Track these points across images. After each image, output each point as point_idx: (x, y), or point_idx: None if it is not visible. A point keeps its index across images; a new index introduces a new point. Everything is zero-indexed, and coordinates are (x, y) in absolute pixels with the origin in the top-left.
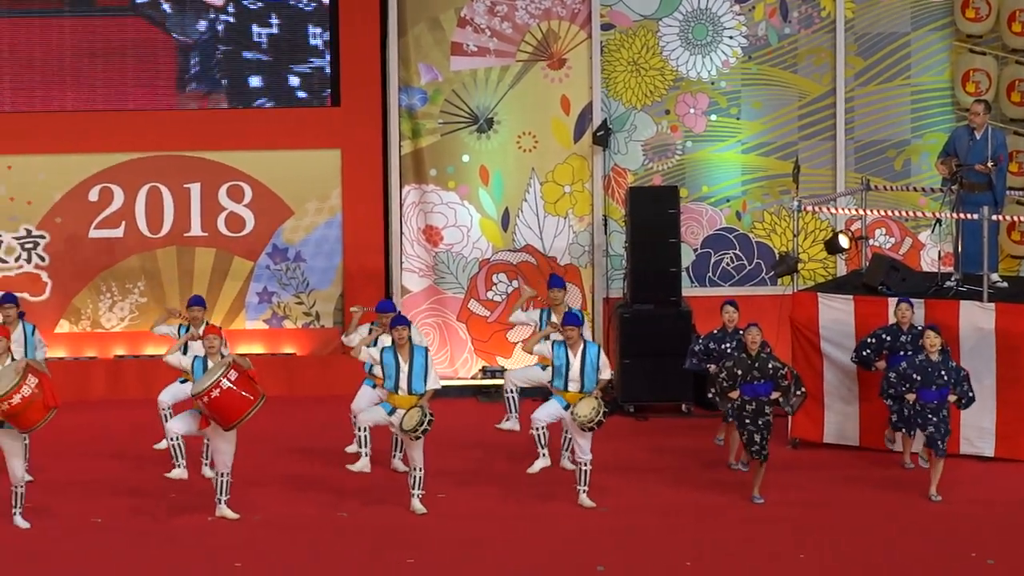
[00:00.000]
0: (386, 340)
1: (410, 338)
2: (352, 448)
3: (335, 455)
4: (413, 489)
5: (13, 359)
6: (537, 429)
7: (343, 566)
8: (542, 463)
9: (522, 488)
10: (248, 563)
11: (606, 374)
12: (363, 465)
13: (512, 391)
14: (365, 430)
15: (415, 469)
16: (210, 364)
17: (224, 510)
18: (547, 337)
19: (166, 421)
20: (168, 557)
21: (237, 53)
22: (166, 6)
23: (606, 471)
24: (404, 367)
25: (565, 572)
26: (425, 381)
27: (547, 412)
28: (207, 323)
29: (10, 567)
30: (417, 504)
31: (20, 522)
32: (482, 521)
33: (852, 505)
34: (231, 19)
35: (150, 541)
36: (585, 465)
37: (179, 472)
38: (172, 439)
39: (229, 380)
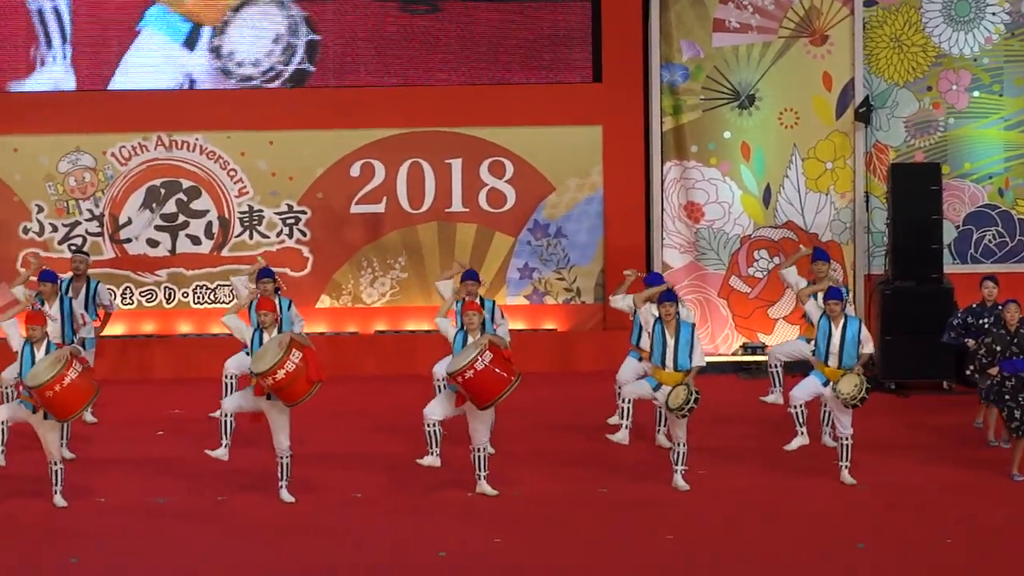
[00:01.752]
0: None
1: (677, 314)
2: (614, 419)
3: (595, 430)
4: (676, 465)
5: (280, 331)
6: (796, 407)
7: (601, 543)
8: (800, 441)
9: (781, 464)
10: (508, 539)
11: (868, 348)
12: (622, 437)
13: (776, 365)
14: (628, 402)
15: (678, 445)
16: (469, 340)
17: (483, 486)
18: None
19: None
20: (427, 532)
21: (500, 29)
22: None
23: (865, 448)
24: (670, 342)
25: (824, 548)
26: (691, 358)
27: (806, 390)
28: (474, 298)
29: (276, 540)
30: (679, 480)
31: (285, 495)
32: (740, 497)
33: None
34: None
35: (409, 516)
36: (847, 440)
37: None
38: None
39: (484, 361)
